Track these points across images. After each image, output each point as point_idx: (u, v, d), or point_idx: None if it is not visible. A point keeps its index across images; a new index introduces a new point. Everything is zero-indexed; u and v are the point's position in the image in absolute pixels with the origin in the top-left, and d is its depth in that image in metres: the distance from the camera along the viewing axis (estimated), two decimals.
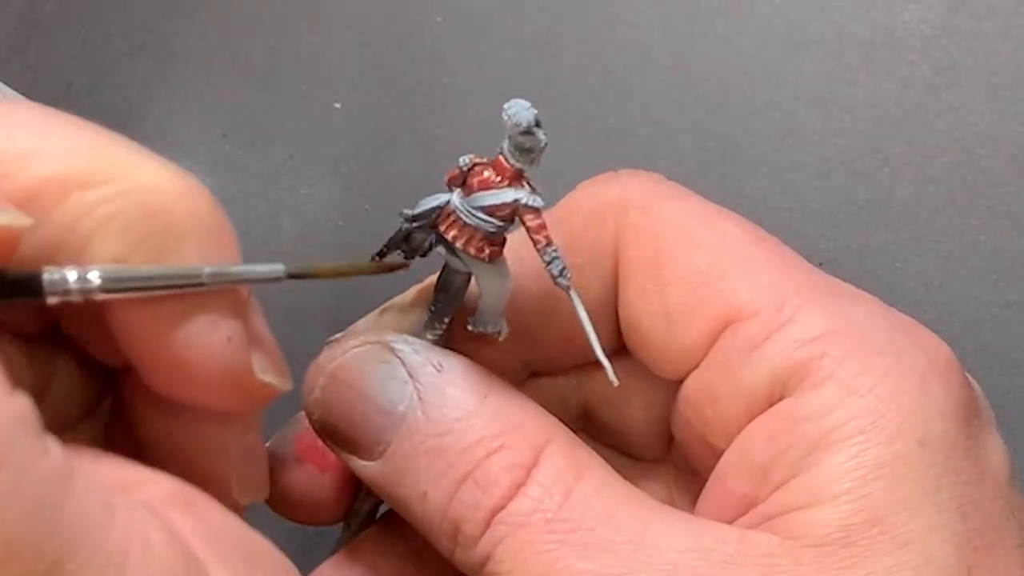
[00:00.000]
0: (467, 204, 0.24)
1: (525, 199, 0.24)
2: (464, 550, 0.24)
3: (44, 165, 0.19)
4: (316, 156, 0.46)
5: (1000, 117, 0.38)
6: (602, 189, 0.27)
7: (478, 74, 0.44)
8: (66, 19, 0.50)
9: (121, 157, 0.20)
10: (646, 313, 0.26)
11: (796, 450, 0.23)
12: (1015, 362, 0.36)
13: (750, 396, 0.24)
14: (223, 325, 0.21)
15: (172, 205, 0.20)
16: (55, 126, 0.20)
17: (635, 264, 0.26)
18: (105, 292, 0.20)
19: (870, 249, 0.38)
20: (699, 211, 0.26)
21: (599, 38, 0.43)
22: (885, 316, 0.25)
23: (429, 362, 0.25)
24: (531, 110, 0.23)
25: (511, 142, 0.24)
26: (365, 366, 0.25)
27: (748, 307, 0.24)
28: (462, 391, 0.25)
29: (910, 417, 0.22)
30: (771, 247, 0.26)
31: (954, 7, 0.39)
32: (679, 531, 0.23)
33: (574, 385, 0.30)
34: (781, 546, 0.22)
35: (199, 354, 0.21)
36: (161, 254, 0.20)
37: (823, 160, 0.40)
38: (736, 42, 0.41)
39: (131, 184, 0.20)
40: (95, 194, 0.20)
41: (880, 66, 0.40)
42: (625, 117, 0.42)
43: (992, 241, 0.38)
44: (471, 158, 0.24)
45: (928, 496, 0.22)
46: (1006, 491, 0.23)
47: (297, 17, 0.48)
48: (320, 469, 0.28)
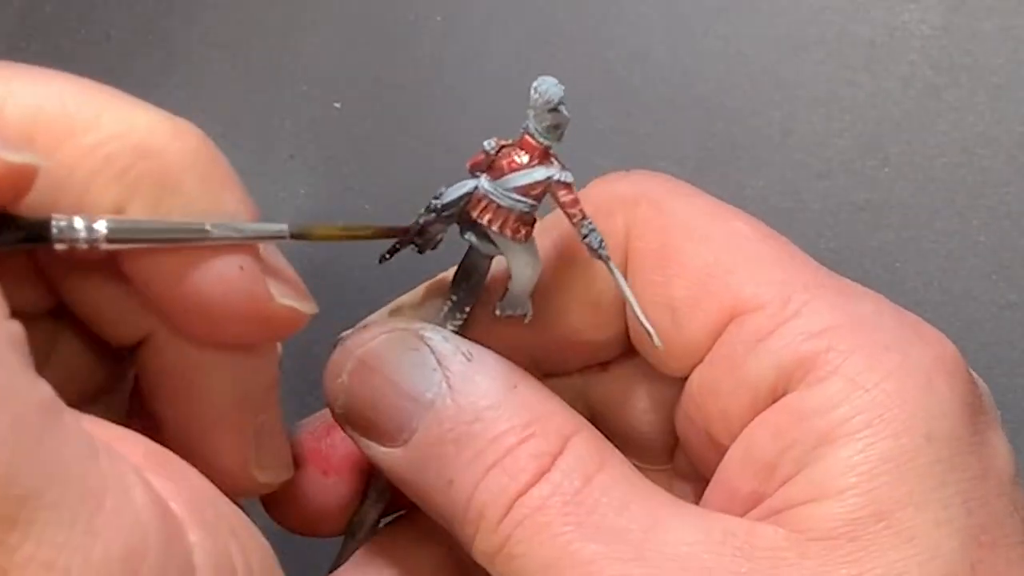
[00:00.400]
0: (499, 186, 0.24)
1: (557, 175, 0.24)
2: (484, 535, 0.24)
3: (40, 113, 0.20)
4: (316, 156, 0.46)
5: (1000, 117, 0.38)
6: (613, 185, 0.27)
7: (478, 74, 0.44)
8: (66, 19, 0.50)
9: (112, 103, 0.21)
10: (652, 305, 0.26)
11: (802, 445, 0.23)
12: (1015, 362, 0.36)
13: (755, 390, 0.24)
14: (233, 258, 0.21)
15: (166, 144, 0.21)
16: (41, 76, 0.21)
17: (643, 256, 0.26)
18: (111, 242, 0.20)
19: (870, 249, 0.38)
20: (709, 208, 0.27)
21: (599, 38, 0.43)
22: (892, 313, 0.25)
23: (459, 351, 0.25)
24: (560, 86, 0.24)
25: (538, 120, 0.24)
26: (394, 353, 0.25)
27: (754, 300, 0.24)
28: (492, 380, 0.25)
29: (916, 413, 0.22)
30: (780, 244, 0.26)
31: (954, 7, 0.39)
32: (690, 523, 0.23)
33: (580, 388, 0.30)
34: (788, 539, 0.22)
35: (214, 287, 0.21)
36: (160, 193, 0.21)
37: (823, 160, 0.40)
38: (736, 42, 0.41)
39: (123, 127, 0.20)
40: (89, 138, 0.20)
41: (880, 66, 0.40)
42: (625, 117, 0.42)
43: (992, 241, 0.38)
44: (497, 141, 0.25)
45: (934, 491, 0.22)
46: (1010, 488, 0.23)
47: (297, 17, 0.48)
48: (323, 473, 0.28)
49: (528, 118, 0.24)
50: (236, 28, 0.48)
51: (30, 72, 0.21)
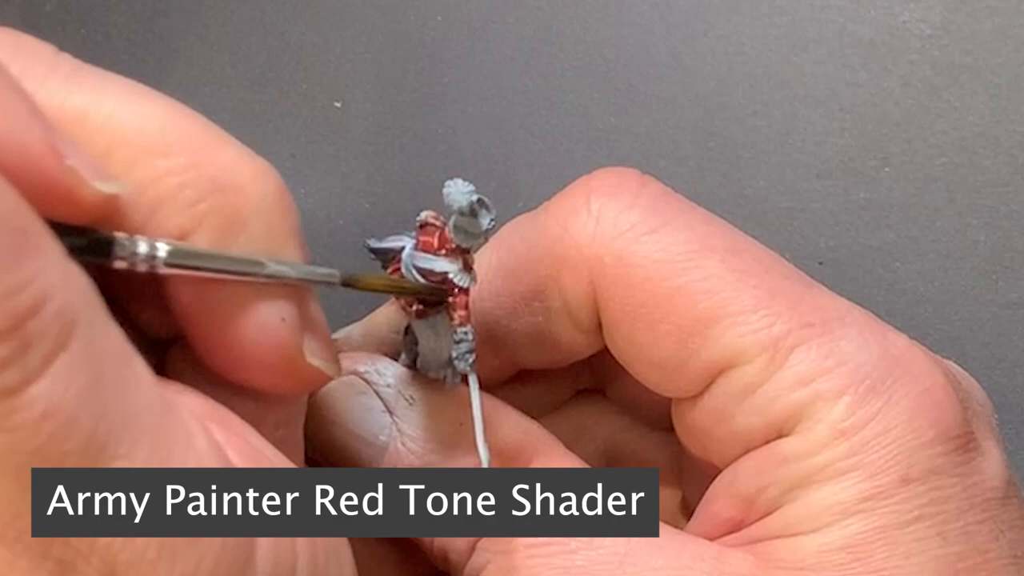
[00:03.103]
0: (410, 258, 0.24)
1: (455, 275, 0.24)
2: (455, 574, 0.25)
3: (122, 128, 0.19)
4: (316, 156, 0.46)
5: (1000, 117, 0.38)
6: (572, 234, 0.26)
7: (478, 74, 0.44)
8: (66, 19, 0.50)
9: (198, 132, 0.20)
10: (638, 363, 0.26)
11: (780, 485, 0.24)
12: (1015, 362, 0.36)
13: (746, 439, 0.25)
14: (278, 306, 0.21)
15: (244, 184, 0.20)
16: (134, 93, 0.20)
17: (618, 317, 0.26)
18: (169, 267, 0.20)
19: (870, 249, 0.38)
20: (678, 247, 0.25)
21: (599, 38, 0.43)
22: (878, 346, 0.24)
23: (401, 396, 0.26)
24: (469, 193, 0.23)
25: (454, 221, 0.23)
26: (343, 400, 0.26)
27: (740, 356, 0.24)
28: (438, 422, 0.26)
29: (895, 455, 0.23)
30: (758, 279, 0.25)
31: (954, 7, 0.39)
32: (659, 547, 0.23)
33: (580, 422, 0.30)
34: (756, 566, 0.23)
35: (252, 332, 0.21)
36: (226, 230, 0.20)
37: (823, 160, 0.40)
38: (736, 42, 0.41)
39: (205, 159, 0.20)
40: (167, 163, 0.20)
41: (880, 66, 0.40)
42: (625, 117, 0.42)
43: (992, 241, 0.38)
44: (427, 215, 0.24)
45: (907, 526, 0.22)
46: (997, 511, 0.23)
47: (297, 17, 0.48)
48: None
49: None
50: (236, 28, 0.48)
51: (122, 85, 0.20)
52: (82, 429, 0.16)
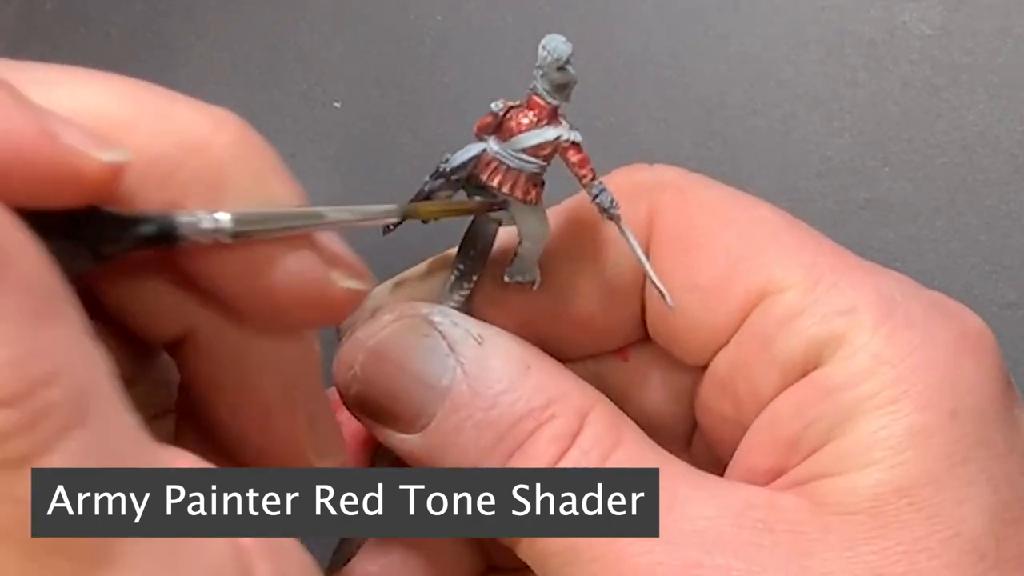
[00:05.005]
0: (507, 148, 0.24)
1: (566, 135, 0.24)
2: None
3: (77, 117, 0.19)
4: (316, 156, 0.46)
5: (1000, 117, 0.38)
6: (636, 173, 0.27)
7: (478, 74, 0.44)
8: (66, 19, 0.51)
9: (148, 99, 0.20)
10: (679, 287, 0.26)
11: (826, 419, 0.23)
12: (1015, 362, 0.36)
13: (785, 368, 0.24)
14: (302, 250, 0.21)
15: (209, 139, 0.20)
16: (81, 77, 0.20)
17: (667, 239, 0.26)
18: (234, 237, 0.20)
19: (870, 249, 0.38)
20: (732, 195, 0.27)
21: (599, 38, 0.43)
22: (916, 291, 0.25)
23: (470, 335, 0.25)
24: (568, 44, 0.24)
25: (547, 79, 0.24)
26: (406, 341, 0.25)
27: (783, 281, 0.24)
28: (505, 363, 0.25)
29: (941, 388, 0.22)
30: (804, 229, 0.26)
31: (954, 7, 0.39)
32: (709, 496, 0.23)
33: (593, 374, 0.29)
34: (810, 511, 0.22)
35: (283, 279, 0.21)
36: (212, 189, 0.20)
37: (823, 160, 0.40)
38: (736, 42, 0.41)
39: (163, 125, 0.20)
40: (132, 141, 0.19)
41: (880, 66, 0.40)
42: (625, 117, 0.42)
43: (992, 241, 0.38)
44: (504, 102, 0.25)
45: (957, 468, 0.22)
46: None
47: (297, 17, 0.48)
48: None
49: (536, 78, 0.24)
50: (236, 28, 0.48)
51: (62, 73, 0.20)
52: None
